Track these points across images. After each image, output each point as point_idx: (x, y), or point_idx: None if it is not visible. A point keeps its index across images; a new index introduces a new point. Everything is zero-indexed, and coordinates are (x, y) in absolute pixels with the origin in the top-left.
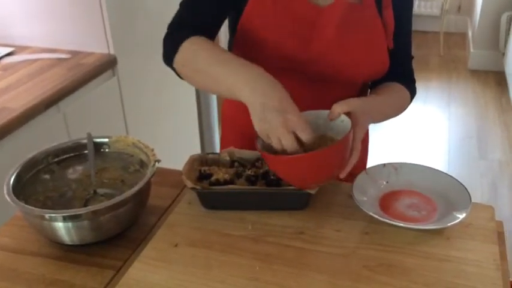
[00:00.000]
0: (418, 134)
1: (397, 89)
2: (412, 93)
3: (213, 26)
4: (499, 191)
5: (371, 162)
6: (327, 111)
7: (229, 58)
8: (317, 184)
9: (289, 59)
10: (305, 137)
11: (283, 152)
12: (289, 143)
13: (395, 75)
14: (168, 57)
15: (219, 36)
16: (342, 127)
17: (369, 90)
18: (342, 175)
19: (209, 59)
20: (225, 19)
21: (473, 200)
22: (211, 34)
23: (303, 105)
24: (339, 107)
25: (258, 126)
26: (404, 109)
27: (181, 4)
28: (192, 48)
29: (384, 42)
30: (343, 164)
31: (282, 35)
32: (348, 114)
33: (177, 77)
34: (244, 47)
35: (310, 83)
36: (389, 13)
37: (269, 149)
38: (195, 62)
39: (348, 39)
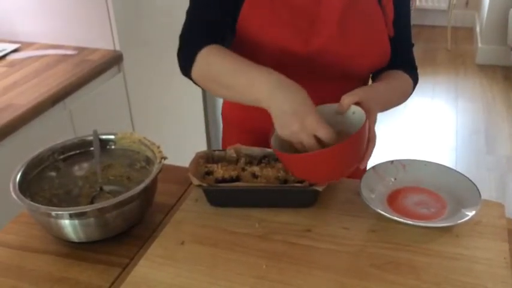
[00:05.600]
0: (426, 129)
1: (400, 76)
2: (415, 80)
3: (224, 27)
4: (507, 186)
5: (378, 157)
6: (335, 105)
7: (245, 66)
8: (337, 179)
9: (291, 55)
10: (324, 136)
11: (304, 151)
12: (310, 145)
13: (397, 63)
14: (186, 70)
15: None
16: (353, 119)
17: (370, 80)
18: (362, 166)
19: (226, 69)
20: (232, 19)
21: (480, 196)
22: (223, 36)
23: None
24: (347, 99)
25: (280, 131)
26: (408, 96)
27: (187, 12)
28: (207, 59)
29: (385, 31)
30: (361, 156)
31: (281, 30)
32: (358, 104)
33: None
34: (244, 47)
35: (313, 78)
36: (388, 1)
37: (283, 147)
38: (212, 73)
39: (350, 31)
